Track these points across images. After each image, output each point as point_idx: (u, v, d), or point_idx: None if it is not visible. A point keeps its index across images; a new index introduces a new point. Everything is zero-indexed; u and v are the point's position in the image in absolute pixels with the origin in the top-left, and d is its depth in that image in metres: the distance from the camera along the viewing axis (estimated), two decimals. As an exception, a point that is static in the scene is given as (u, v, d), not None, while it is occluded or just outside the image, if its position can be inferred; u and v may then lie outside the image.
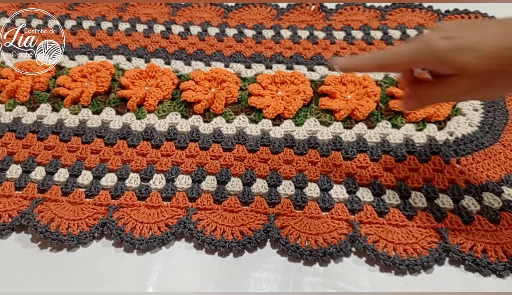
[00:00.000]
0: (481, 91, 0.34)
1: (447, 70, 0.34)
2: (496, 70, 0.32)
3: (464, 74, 0.33)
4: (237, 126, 0.53)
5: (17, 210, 0.46)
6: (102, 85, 0.57)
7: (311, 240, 0.42)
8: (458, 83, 0.34)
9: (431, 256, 0.41)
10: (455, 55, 0.33)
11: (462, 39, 0.32)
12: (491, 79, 0.33)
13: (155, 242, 0.43)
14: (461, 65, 0.32)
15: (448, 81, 0.34)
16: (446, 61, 0.33)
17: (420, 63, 0.35)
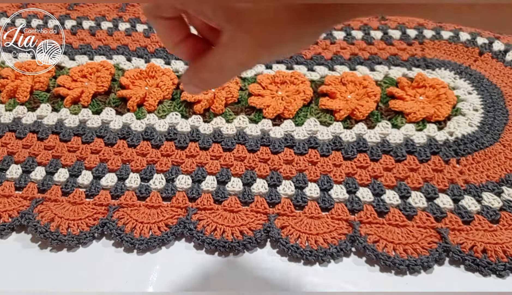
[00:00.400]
0: (269, 49, 0.24)
1: (216, 22, 0.23)
2: (283, 18, 0.21)
3: (241, 25, 0.22)
4: (237, 126, 0.53)
5: (17, 210, 0.46)
6: (102, 85, 0.57)
7: (311, 240, 0.42)
8: (239, 42, 0.23)
9: (431, 256, 0.41)
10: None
11: None
12: (274, 28, 0.22)
13: (155, 242, 0.43)
14: (234, 10, 0.22)
15: (226, 42, 0.23)
16: (213, 5, 0.22)
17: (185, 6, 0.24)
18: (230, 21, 0.22)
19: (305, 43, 0.24)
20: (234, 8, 0.21)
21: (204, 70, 0.26)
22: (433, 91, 0.54)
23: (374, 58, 0.62)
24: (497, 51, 0.61)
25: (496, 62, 0.60)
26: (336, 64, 0.61)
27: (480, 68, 0.59)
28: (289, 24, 0.22)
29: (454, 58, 0.61)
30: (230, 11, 0.21)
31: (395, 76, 0.58)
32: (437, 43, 0.63)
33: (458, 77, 0.58)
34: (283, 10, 0.21)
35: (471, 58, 0.61)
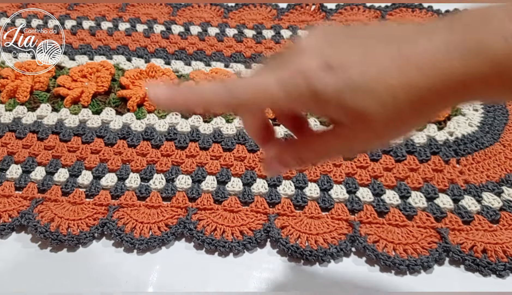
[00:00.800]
0: (384, 141, 0.26)
1: (338, 115, 0.24)
2: (409, 114, 0.23)
3: (368, 126, 0.23)
4: (237, 126, 0.53)
5: (17, 210, 0.46)
6: (102, 85, 0.57)
7: (311, 240, 0.42)
8: (359, 136, 0.24)
9: (431, 256, 0.41)
10: (352, 101, 0.22)
11: (353, 73, 0.22)
12: (396, 125, 0.24)
13: (155, 242, 0.43)
14: (364, 115, 0.22)
15: (343, 134, 0.24)
16: (334, 107, 0.22)
17: (295, 105, 0.25)
18: (355, 122, 0.23)
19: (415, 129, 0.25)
20: (360, 110, 0.22)
21: (305, 150, 0.27)
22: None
23: (374, 58, 0.62)
24: (497, 51, 0.60)
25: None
26: (336, 64, 0.61)
27: (480, 68, 0.59)
28: (408, 120, 0.23)
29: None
30: (354, 112, 0.22)
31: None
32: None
33: (458, 77, 0.58)
34: (405, 109, 0.22)
35: (471, 58, 0.61)
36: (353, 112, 0.22)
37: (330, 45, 0.23)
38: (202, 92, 0.25)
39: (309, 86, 0.22)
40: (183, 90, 0.25)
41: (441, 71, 0.21)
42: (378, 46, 0.22)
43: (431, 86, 0.21)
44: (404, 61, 0.22)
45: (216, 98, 0.24)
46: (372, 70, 0.22)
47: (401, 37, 0.23)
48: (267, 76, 0.23)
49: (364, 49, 0.23)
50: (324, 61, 0.22)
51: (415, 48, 0.22)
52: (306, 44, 0.24)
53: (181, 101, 0.25)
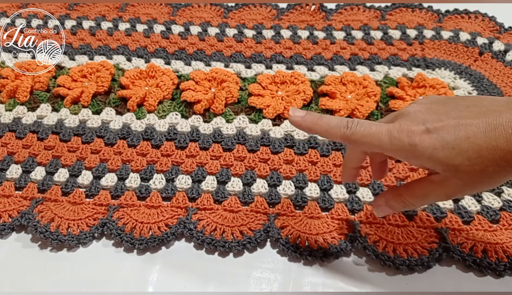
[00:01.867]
0: (474, 189, 0.32)
1: (431, 168, 0.31)
2: (491, 171, 0.29)
3: (456, 176, 0.30)
4: (237, 126, 0.53)
5: (17, 210, 0.46)
6: (102, 85, 0.57)
7: (311, 240, 0.42)
8: (450, 184, 0.31)
9: (431, 256, 0.41)
10: (444, 154, 0.29)
11: (446, 135, 0.29)
12: (486, 178, 0.30)
13: (155, 242, 0.43)
14: (452, 166, 0.29)
15: (437, 181, 0.31)
16: (427, 159, 0.30)
17: (398, 156, 0.32)
18: (446, 171, 0.30)
19: (502, 182, 0.31)
20: (453, 164, 0.29)
21: (409, 196, 0.33)
22: (433, 91, 0.54)
23: (374, 58, 0.62)
24: (497, 51, 0.60)
25: (496, 62, 0.60)
26: (336, 64, 0.61)
27: (480, 68, 0.59)
28: (493, 174, 0.29)
29: (454, 58, 0.61)
30: (448, 165, 0.30)
31: (395, 76, 0.58)
32: (437, 43, 0.63)
33: (458, 77, 0.58)
34: (490, 165, 0.29)
35: (471, 58, 0.61)
36: (444, 164, 0.29)
37: (430, 113, 0.31)
38: (328, 122, 0.33)
39: (410, 141, 0.30)
40: (314, 116, 0.34)
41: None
42: (468, 116, 0.30)
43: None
44: (491, 128, 0.29)
45: (338, 133, 0.32)
46: (462, 133, 0.29)
47: (488, 109, 0.30)
48: (381, 127, 0.31)
49: (457, 117, 0.30)
50: (424, 126, 0.30)
51: (499, 118, 0.29)
52: (413, 110, 0.31)
53: (310, 125, 0.34)
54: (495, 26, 0.65)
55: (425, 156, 0.30)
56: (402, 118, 0.31)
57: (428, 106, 0.32)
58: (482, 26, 0.66)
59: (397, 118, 0.32)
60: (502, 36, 0.63)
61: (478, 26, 0.66)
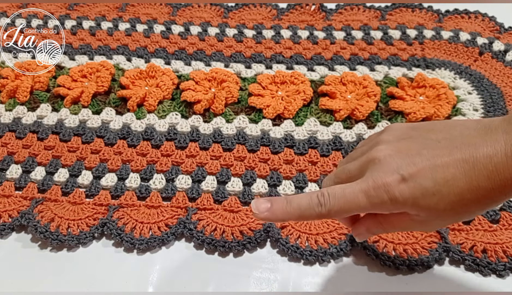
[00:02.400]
0: (455, 223, 0.35)
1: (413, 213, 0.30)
2: (474, 210, 0.29)
3: (438, 217, 0.29)
4: (237, 126, 0.53)
5: (17, 210, 0.46)
6: (102, 85, 0.57)
7: (311, 240, 0.42)
8: (432, 223, 0.31)
9: (431, 256, 0.41)
10: (424, 203, 0.28)
11: (426, 181, 0.28)
12: (464, 215, 0.30)
13: (155, 242, 0.43)
14: (425, 208, 0.29)
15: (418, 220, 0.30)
16: (409, 208, 0.29)
17: (377, 211, 0.31)
18: (428, 215, 0.29)
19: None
20: (436, 209, 0.28)
21: (389, 226, 0.32)
22: (433, 91, 0.54)
23: (374, 58, 0.62)
24: (497, 51, 0.60)
25: (496, 62, 0.60)
26: (336, 64, 0.61)
27: (480, 68, 0.59)
28: (476, 211, 0.29)
29: (454, 58, 0.61)
30: (431, 211, 0.28)
31: (395, 76, 0.58)
32: (437, 43, 0.63)
33: (458, 77, 0.58)
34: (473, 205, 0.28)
35: (471, 58, 0.61)
36: (426, 209, 0.29)
37: (401, 157, 0.29)
38: (299, 207, 0.31)
39: (390, 196, 0.28)
40: (282, 204, 0.31)
41: (504, 175, 0.26)
42: (443, 153, 0.28)
43: (496, 187, 0.27)
44: (469, 167, 0.27)
45: (313, 214, 0.30)
46: (440, 176, 0.28)
47: (462, 143, 0.28)
48: (355, 189, 0.29)
49: (431, 157, 0.28)
50: (399, 175, 0.28)
51: (476, 153, 0.27)
52: (383, 156, 0.30)
53: (280, 215, 0.31)
54: (495, 26, 0.65)
55: (408, 205, 0.29)
56: (374, 170, 0.29)
57: (396, 146, 0.30)
58: (482, 26, 0.66)
59: (368, 169, 0.30)
60: (502, 36, 0.63)
61: (478, 26, 0.66)
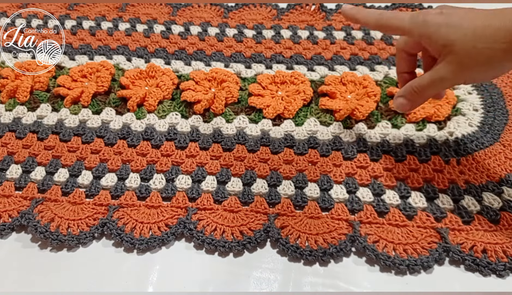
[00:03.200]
0: (471, 71, 0.37)
1: (436, 48, 0.37)
2: (481, 47, 0.35)
3: (452, 51, 0.36)
4: (237, 126, 0.53)
5: (17, 210, 0.46)
6: (102, 85, 0.57)
7: (311, 240, 0.42)
8: (448, 64, 0.37)
9: (431, 256, 0.41)
10: (445, 30, 0.36)
11: (454, 16, 0.36)
12: (478, 56, 0.35)
13: (155, 242, 0.43)
14: (449, 41, 0.36)
15: (438, 64, 0.37)
16: (436, 34, 0.36)
17: (414, 33, 0.38)
18: (445, 47, 0.36)
19: (496, 70, 0.37)
20: (450, 39, 0.36)
21: (418, 81, 0.40)
22: (433, 91, 0.54)
23: (374, 58, 0.62)
24: (497, 51, 0.60)
25: (496, 62, 0.60)
26: (336, 64, 0.61)
27: (480, 68, 0.59)
28: (484, 52, 0.35)
29: (454, 58, 0.61)
30: (446, 41, 0.36)
31: (395, 76, 0.58)
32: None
33: (458, 77, 0.58)
34: (480, 42, 0.35)
35: (471, 58, 0.61)
36: (444, 39, 0.36)
37: (450, 6, 0.38)
38: (367, 13, 0.42)
39: (423, 18, 0.37)
40: (357, 10, 0.43)
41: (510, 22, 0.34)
42: (481, 11, 0.36)
43: (503, 26, 0.34)
44: (492, 15, 0.35)
45: (372, 17, 0.41)
46: (466, 17, 0.36)
47: (488, 13, 0.35)
48: (406, 14, 0.39)
49: (471, 11, 0.37)
50: (440, 10, 0.37)
51: (503, 11, 0.35)
52: (439, 5, 0.38)
53: (355, 16, 0.43)
54: (495, 26, 0.65)
55: (431, 30, 0.37)
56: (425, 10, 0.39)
57: (451, 5, 0.38)
58: (482, 26, 0.66)
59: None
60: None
61: (478, 26, 0.66)
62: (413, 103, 0.41)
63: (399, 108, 0.42)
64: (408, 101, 0.41)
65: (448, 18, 0.36)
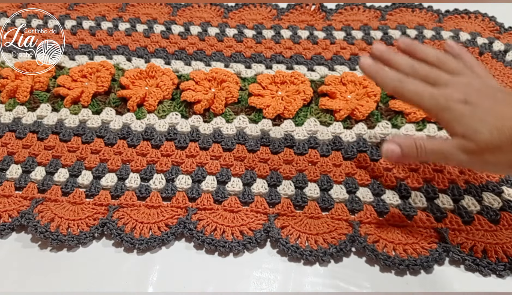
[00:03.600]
0: (491, 166, 0.36)
1: (453, 132, 0.36)
2: (508, 150, 0.33)
3: (474, 143, 0.34)
4: (237, 126, 0.53)
5: (17, 210, 0.46)
6: (102, 85, 0.57)
7: (311, 240, 0.42)
8: (466, 153, 0.35)
9: (431, 256, 0.41)
10: (468, 122, 0.34)
11: (479, 109, 0.34)
12: (502, 157, 0.34)
13: (155, 242, 0.43)
14: (471, 133, 0.34)
15: (454, 145, 0.35)
16: (456, 122, 0.35)
17: (432, 112, 0.37)
18: (467, 137, 0.35)
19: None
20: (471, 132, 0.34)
21: (426, 141, 0.37)
22: (433, 91, 0.54)
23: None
24: (497, 51, 0.61)
25: (496, 62, 0.60)
26: (336, 64, 0.61)
27: (480, 68, 0.59)
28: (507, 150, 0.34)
29: (454, 58, 0.61)
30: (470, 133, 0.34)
31: (395, 76, 0.58)
32: (437, 43, 0.63)
33: (458, 77, 0.58)
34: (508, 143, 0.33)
35: (471, 58, 0.61)
36: (470, 129, 0.34)
37: (473, 88, 0.36)
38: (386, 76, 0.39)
39: (447, 103, 0.35)
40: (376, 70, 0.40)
41: None
42: (504, 101, 0.36)
43: None
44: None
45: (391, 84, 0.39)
46: (492, 112, 0.34)
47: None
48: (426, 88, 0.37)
49: (493, 101, 0.35)
50: (464, 97, 0.35)
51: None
52: (457, 81, 0.37)
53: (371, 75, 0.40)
54: (495, 26, 0.65)
55: (452, 116, 0.35)
56: (448, 86, 0.37)
57: (470, 81, 0.37)
58: (482, 26, 0.66)
59: (445, 85, 0.37)
60: (502, 36, 0.63)
61: (478, 26, 0.66)
62: (406, 159, 0.38)
63: (387, 155, 0.38)
64: (402, 155, 0.37)
65: (473, 111, 0.34)
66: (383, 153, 0.38)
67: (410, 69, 0.39)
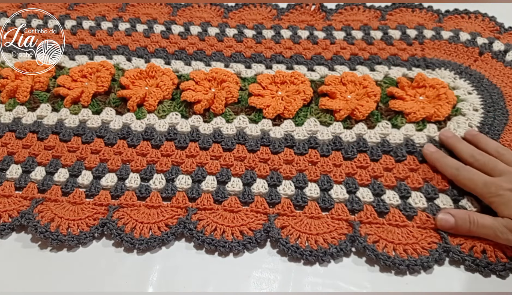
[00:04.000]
0: None
1: (503, 215, 0.40)
2: None
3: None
4: (237, 126, 0.53)
5: (17, 210, 0.46)
6: (102, 85, 0.57)
7: (311, 240, 0.42)
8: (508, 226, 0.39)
9: (431, 256, 0.41)
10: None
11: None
12: None
13: (155, 242, 0.43)
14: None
15: (505, 224, 0.39)
16: (507, 207, 0.40)
17: (485, 198, 0.42)
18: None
19: None
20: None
21: (478, 215, 0.42)
22: (433, 91, 0.54)
23: (374, 58, 0.62)
24: (497, 51, 0.60)
25: (496, 62, 0.60)
26: (336, 64, 0.61)
27: (480, 68, 0.59)
28: None
29: (454, 58, 0.61)
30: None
31: (395, 76, 0.58)
32: (437, 43, 0.63)
33: (458, 77, 0.58)
34: None
35: (471, 58, 0.61)
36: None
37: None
38: (446, 164, 0.46)
39: (497, 190, 0.41)
40: (437, 158, 0.47)
41: None
42: None
43: None
44: None
45: (449, 171, 0.45)
46: None
47: None
48: (482, 176, 0.43)
49: None
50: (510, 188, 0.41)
51: None
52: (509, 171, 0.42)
53: (433, 161, 0.47)
54: (495, 26, 0.65)
55: (502, 200, 0.40)
56: (502, 175, 0.42)
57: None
58: (482, 26, 0.66)
59: (499, 174, 0.42)
60: (502, 36, 0.63)
61: (478, 26, 0.66)
62: (458, 230, 0.42)
63: (441, 223, 0.42)
64: (456, 225, 0.41)
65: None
66: (437, 220, 0.42)
67: (470, 158, 0.45)
